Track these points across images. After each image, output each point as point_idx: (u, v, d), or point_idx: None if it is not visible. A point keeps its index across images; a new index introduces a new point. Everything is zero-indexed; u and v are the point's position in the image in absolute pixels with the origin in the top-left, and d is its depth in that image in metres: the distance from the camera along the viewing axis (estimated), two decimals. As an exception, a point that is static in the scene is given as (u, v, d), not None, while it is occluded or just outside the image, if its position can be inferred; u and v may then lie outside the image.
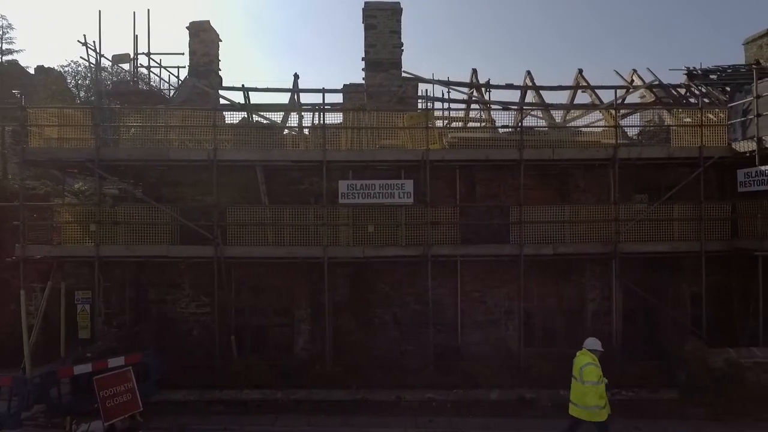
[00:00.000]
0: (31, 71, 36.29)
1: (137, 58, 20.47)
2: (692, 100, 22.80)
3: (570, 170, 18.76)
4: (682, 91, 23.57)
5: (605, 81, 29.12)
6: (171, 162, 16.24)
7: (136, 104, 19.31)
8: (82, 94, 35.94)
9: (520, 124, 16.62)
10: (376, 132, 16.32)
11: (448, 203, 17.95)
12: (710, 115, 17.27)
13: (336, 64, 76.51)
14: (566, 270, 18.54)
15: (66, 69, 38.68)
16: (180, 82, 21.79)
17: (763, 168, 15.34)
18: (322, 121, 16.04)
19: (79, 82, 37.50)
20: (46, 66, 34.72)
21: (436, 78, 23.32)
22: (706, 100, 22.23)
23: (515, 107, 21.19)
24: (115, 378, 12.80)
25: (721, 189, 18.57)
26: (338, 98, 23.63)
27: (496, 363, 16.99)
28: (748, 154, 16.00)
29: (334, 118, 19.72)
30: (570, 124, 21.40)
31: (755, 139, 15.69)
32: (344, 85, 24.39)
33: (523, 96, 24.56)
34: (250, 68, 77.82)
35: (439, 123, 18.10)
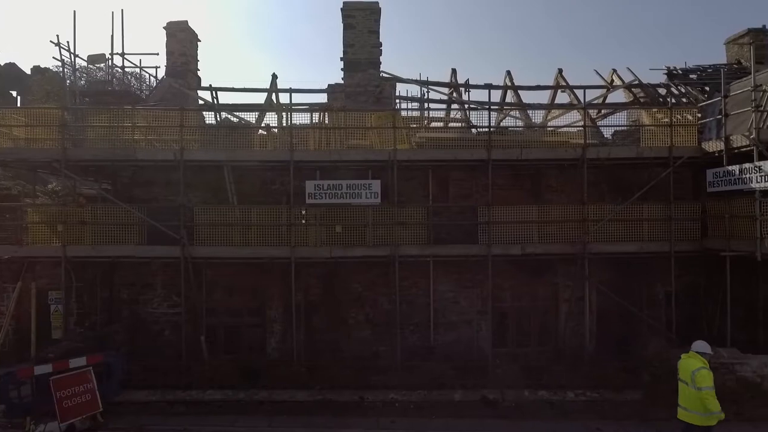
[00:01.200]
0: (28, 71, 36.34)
1: (112, 58, 20.46)
2: (671, 100, 22.78)
3: (543, 170, 18.73)
4: (662, 90, 23.53)
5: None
6: (138, 162, 16.27)
7: (112, 104, 19.31)
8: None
9: (488, 124, 16.54)
10: (345, 132, 16.26)
11: (421, 203, 17.95)
12: (688, 116, 17.17)
13: (336, 64, 76.52)
14: (540, 270, 18.51)
15: (60, 69, 38.69)
16: (157, 81, 21.78)
17: (730, 168, 15.26)
18: (289, 122, 15.97)
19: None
20: (42, 66, 34.77)
21: (421, 78, 23.37)
22: (684, 100, 22.21)
23: (487, 107, 21.23)
24: (74, 378, 12.78)
25: (695, 189, 18.51)
26: (323, 98, 23.56)
27: (468, 363, 16.96)
28: (716, 154, 15.92)
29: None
30: (550, 124, 21.37)
31: (723, 139, 15.60)
32: (329, 84, 24.36)
33: (503, 96, 24.52)
34: (250, 68, 77.87)
35: (412, 123, 17.95)
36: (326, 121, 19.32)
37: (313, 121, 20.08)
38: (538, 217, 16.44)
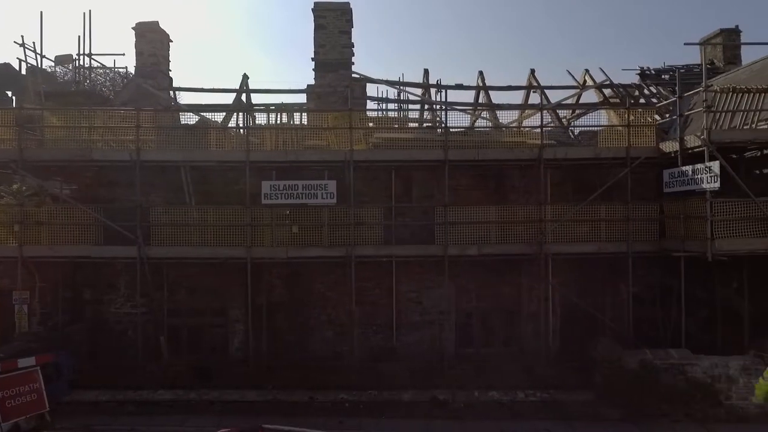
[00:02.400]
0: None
1: (80, 59, 20.52)
2: (641, 100, 22.78)
3: (507, 171, 18.73)
4: (633, 91, 23.52)
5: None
6: (95, 162, 16.30)
7: (79, 105, 19.35)
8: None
9: (444, 124, 16.55)
10: (303, 132, 16.29)
11: (384, 203, 17.96)
12: (648, 117, 17.16)
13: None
14: (505, 270, 18.48)
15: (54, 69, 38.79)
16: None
17: (684, 169, 15.25)
18: (246, 122, 16.00)
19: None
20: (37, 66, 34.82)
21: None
22: (654, 100, 22.21)
23: (446, 108, 21.31)
24: (19, 378, 12.83)
25: (658, 190, 18.46)
26: (301, 98, 23.51)
27: (425, 364, 16.95)
28: (672, 155, 15.91)
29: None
30: (520, 125, 21.39)
31: (678, 139, 15.59)
32: (308, 85, 24.37)
33: (476, 97, 24.56)
34: (250, 68, 77.88)
35: (370, 123, 17.95)
36: (290, 122, 19.42)
37: (282, 121, 20.19)
38: (496, 218, 16.44)
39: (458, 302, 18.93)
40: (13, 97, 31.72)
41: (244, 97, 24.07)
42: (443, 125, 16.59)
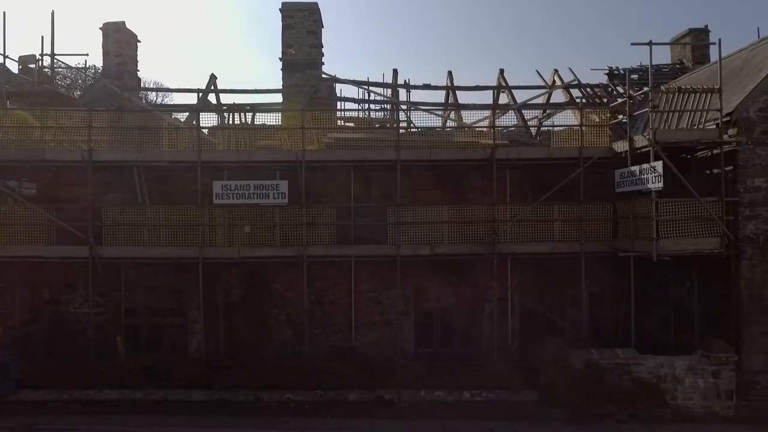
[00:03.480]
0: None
1: (42, 59, 20.55)
2: (605, 100, 22.80)
3: (466, 171, 18.69)
4: (601, 91, 23.54)
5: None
6: (47, 162, 16.32)
7: (42, 105, 19.38)
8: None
9: (396, 124, 16.57)
10: (256, 132, 16.32)
11: (343, 203, 17.97)
12: (597, 117, 17.20)
13: (337, 63, 76.90)
14: (464, 270, 18.49)
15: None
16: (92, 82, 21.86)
17: (632, 168, 15.26)
18: (198, 122, 16.03)
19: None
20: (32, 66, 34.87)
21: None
22: (620, 100, 22.20)
23: (399, 107, 21.31)
24: (-40, 377, 12.88)
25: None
26: (276, 98, 23.48)
27: (375, 363, 16.94)
28: (624, 155, 15.90)
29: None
30: (485, 125, 21.42)
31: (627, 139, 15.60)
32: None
33: (446, 97, 24.62)
34: (251, 67, 77.79)
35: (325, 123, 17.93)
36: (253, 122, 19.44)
37: (245, 121, 20.22)
38: (449, 218, 16.44)
39: (417, 302, 18.92)
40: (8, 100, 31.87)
41: (214, 97, 24.28)
42: (396, 125, 16.53)
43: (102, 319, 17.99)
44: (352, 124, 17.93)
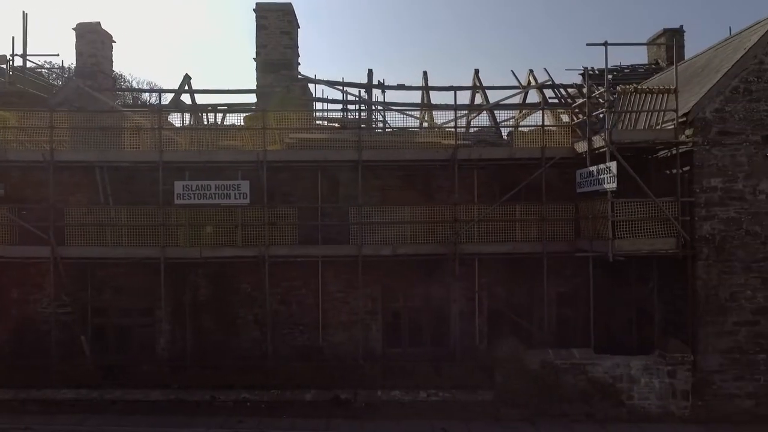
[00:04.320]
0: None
1: (13, 59, 20.62)
2: (578, 100, 22.79)
3: (433, 171, 18.72)
4: (575, 91, 23.53)
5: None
6: (10, 163, 16.38)
7: (12, 105, 19.43)
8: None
9: (358, 124, 16.60)
10: (218, 132, 16.36)
11: (311, 203, 18.02)
12: (565, 117, 17.21)
13: (338, 63, 76.91)
14: (432, 270, 18.52)
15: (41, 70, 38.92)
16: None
17: (591, 169, 15.27)
18: (160, 123, 16.07)
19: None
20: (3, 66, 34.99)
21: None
22: (602, 100, 22.20)
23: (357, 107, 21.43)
24: None
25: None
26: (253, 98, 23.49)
27: (356, 363, 16.99)
28: (584, 155, 15.91)
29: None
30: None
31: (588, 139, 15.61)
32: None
33: (422, 97, 24.62)
34: (252, 67, 77.48)
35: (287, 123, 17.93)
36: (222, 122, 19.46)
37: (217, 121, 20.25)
38: (411, 218, 16.47)
39: (385, 302, 18.95)
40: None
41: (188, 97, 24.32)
42: (358, 125, 16.57)
43: (69, 319, 18.03)
44: (324, 124, 17.92)
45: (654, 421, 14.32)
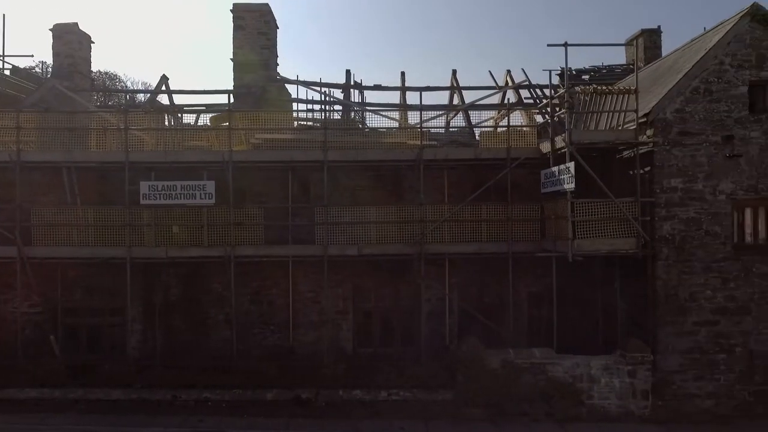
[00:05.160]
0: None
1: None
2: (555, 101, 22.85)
3: (404, 171, 18.78)
4: (548, 91, 23.58)
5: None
6: (-24, 163, 16.46)
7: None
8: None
9: (324, 125, 16.66)
10: (185, 133, 16.43)
11: (281, 203, 18.07)
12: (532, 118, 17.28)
13: (339, 63, 77.01)
14: (403, 270, 18.58)
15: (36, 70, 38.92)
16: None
17: (553, 169, 15.32)
18: (126, 123, 16.13)
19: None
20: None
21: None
22: (563, 101, 22.26)
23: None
24: None
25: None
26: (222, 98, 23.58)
27: (325, 362, 17.03)
28: (548, 155, 15.95)
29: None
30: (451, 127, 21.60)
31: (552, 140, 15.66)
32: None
33: (400, 97, 24.69)
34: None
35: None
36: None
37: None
38: (377, 218, 16.52)
39: (356, 302, 19.02)
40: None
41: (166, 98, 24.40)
42: (324, 126, 16.63)
43: (40, 319, 18.14)
44: (301, 124, 17.98)
45: (614, 421, 14.37)
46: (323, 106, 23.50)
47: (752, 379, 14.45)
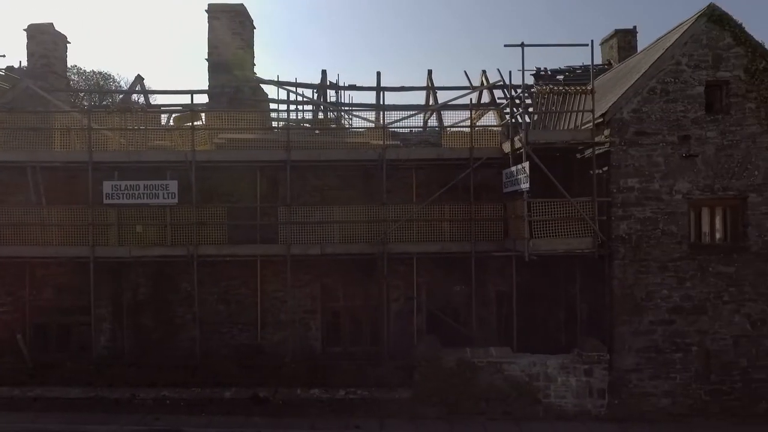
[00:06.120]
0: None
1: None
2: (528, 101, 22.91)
3: (373, 171, 18.83)
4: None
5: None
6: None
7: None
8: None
9: (287, 124, 16.73)
10: (148, 133, 16.51)
11: (251, 203, 18.14)
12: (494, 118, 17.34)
13: (343, 63, 77.24)
14: (372, 270, 18.63)
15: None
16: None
17: (512, 169, 15.38)
18: (89, 123, 16.21)
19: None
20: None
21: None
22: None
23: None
24: None
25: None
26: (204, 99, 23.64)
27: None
28: (510, 155, 16.01)
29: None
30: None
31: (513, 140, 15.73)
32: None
33: (378, 97, 24.74)
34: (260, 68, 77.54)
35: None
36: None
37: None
38: (340, 218, 16.58)
39: (325, 301, 19.08)
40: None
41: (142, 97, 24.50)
42: (287, 125, 16.70)
43: (9, 318, 18.21)
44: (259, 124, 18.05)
45: (570, 420, 14.43)
46: (297, 107, 23.68)
47: (708, 379, 14.51)
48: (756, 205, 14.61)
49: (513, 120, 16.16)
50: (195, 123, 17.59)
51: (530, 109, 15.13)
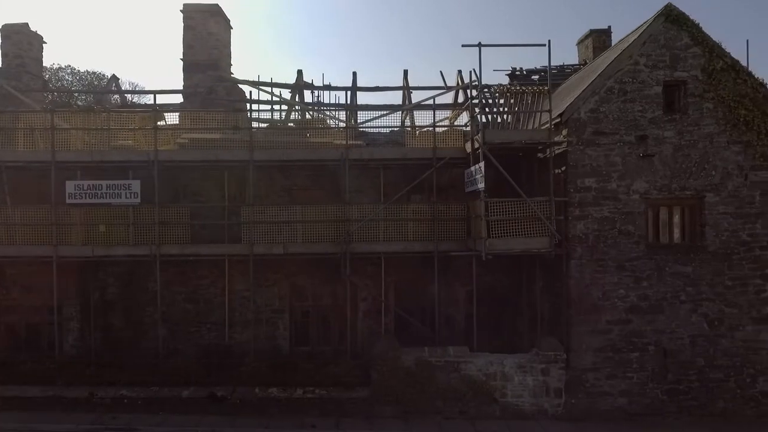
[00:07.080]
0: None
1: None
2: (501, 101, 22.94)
3: (341, 171, 18.88)
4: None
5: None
6: None
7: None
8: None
9: (249, 124, 16.77)
10: (111, 132, 16.57)
11: (219, 202, 18.18)
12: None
13: (345, 63, 77.24)
14: (339, 269, 18.66)
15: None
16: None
17: (472, 168, 15.41)
18: (52, 123, 16.26)
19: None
20: None
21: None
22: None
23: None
24: None
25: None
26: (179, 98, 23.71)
27: (247, 360, 17.17)
28: (470, 155, 16.03)
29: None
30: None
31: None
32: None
33: (352, 97, 24.76)
34: (253, 67, 77.88)
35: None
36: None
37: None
38: (302, 217, 16.62)
39: (293, 301, 19.12)
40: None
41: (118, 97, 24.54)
42: (249, 125, 16.75)
43: (-21, 317, 18.28)
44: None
45: (527, 419, 14.45)
46: (273, 107, 23.73)
47: (665, 378, 14.54)
48: (713, 204, 14.63)
49: (472, 119, 16.11)
50: (158, 123, 17.62)
51: (486, 109, 15.07)
